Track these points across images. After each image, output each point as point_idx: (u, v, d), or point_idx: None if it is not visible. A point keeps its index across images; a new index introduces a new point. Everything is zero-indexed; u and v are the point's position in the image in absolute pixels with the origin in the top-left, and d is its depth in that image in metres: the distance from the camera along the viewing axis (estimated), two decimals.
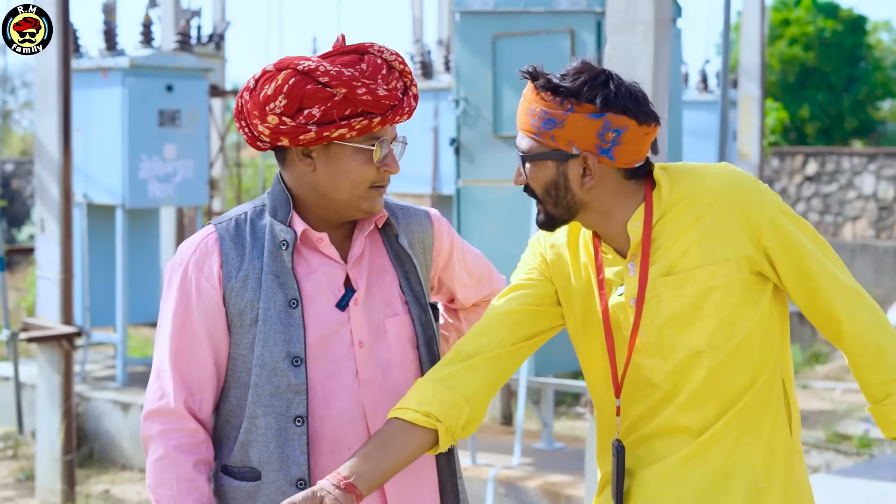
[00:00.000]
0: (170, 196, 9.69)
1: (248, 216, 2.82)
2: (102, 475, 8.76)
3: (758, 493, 2.81)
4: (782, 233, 2.80)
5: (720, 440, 2.82)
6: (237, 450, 2.78)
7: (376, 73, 2.70)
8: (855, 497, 6.83)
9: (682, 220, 2.80)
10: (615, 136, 2.73)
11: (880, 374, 2.80)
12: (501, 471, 7.22)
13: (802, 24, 24.46)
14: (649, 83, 5.21)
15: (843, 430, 9.52)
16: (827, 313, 2.82)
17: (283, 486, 2.74)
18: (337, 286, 2.81)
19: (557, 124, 2.74)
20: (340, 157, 2.73)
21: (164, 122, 9.54)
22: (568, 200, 2.80)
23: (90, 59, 9.58)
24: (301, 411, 2.74)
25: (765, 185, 2.87)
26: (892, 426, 2.82)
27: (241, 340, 2.77)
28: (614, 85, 2.74)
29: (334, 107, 2.67)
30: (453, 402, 2.79)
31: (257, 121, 2.73)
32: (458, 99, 7.51)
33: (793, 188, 19.70)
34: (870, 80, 25.19)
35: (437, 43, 14.22)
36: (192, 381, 2.76)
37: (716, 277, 2.77)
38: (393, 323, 2.85)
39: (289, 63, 2.72)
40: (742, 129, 12.15)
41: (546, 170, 2.79)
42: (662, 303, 2.80)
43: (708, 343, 2.79)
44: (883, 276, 17.07)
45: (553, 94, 2.74)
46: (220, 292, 2.76)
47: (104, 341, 10.22)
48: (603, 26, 6.93)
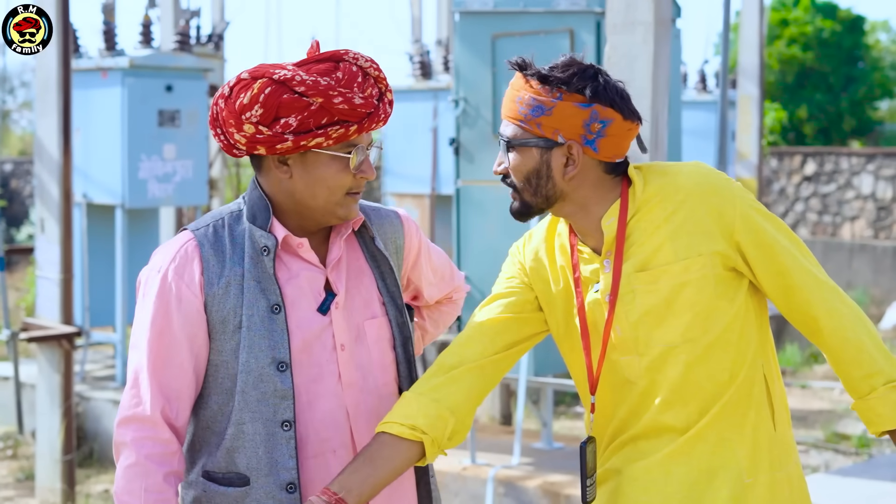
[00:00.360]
0: (169, 196, 9.70)
1: (226, 222, 2.81)
2: (102, 475, 8.76)
3: (743, 489, 2.84)
4: (755, 229, 2.83)
5: (704, 437, 2.85)
6: (222, 456, 2.78)
7: (352, 82, 2.70)
8: (854, 497, 6.84)
9: (656, 217, 2.84)
10: (601, 127, 2.79)
11: (862, 369, 2.83)
12: (501, 470, 7.22)
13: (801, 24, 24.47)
14: (649, 83, 5.22)
15: (841, 429, 9.53)
16: (804, 309, 2.85)
17: (274, 490, 2.75)
18: (318, 290, 2.82)
19: (545, 111, 2.79)
20: (317, 165, 2.74)
21: (164, 122, 9.54)
22: (548, 189, 2.84)
23: (90, 59, 9.59)
24: (288, 416, 2.75)
25: (737, 183, 2.91)
26: (879, 420, 2.84)
27: (223, 347, 2.76)
28: (603, 79, 2.81)
29: (311, 116, 2.67)
30: (438, 414, 2.83)
31: (233, 129, 2.72)
32: (457, 99, 7.52)
33: (791, 188, 19.70)
34: (868, 80, 25.20)
35: (436, 43, 14.22)
36: (170, 389, 2.75)
37: (689, 272, 2.81)
38: (372, 325, 2.88)
39: (264, 72, 2.71)
40: (741, 129, 12.16)
41: (529, 157, 2.83)
42: (637, 298, 2.84)
43: (683, 338, 2.82)
44: (881, 276, 17.07)
45: (543, 83, 2.79)
46: (201, 299, 2.74)
47: (104, 341, 10.22)
48: (602, 26, 6.93)
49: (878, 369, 2.81)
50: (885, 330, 15.00)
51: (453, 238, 7.65)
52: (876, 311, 16.08)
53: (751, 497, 2.85)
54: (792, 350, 12.66)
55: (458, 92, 7.53)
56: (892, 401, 2.81)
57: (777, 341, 12.84)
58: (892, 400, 2.81)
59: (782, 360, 12.48)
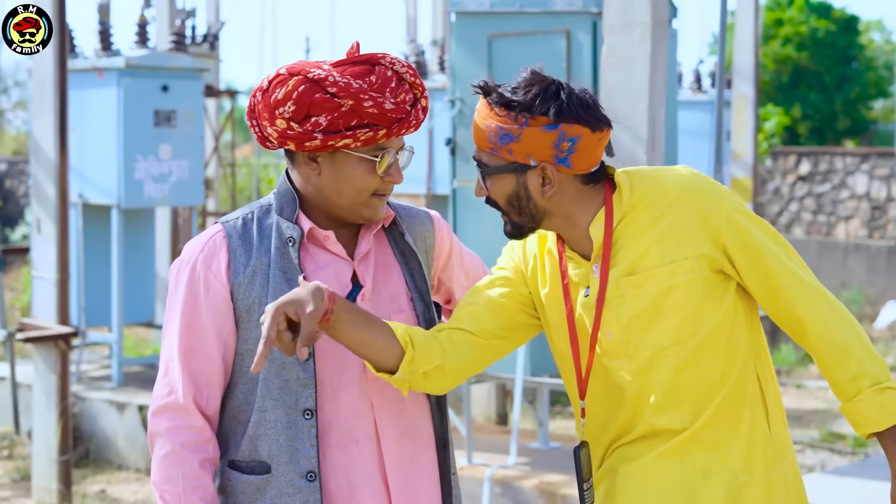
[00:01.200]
0: (165, 196, 9.69)
1: (255, 215, 2.87)
2: (98, 475, 8.76)
3: (739, 487, 2.86)
4: (740, 232, 2.85)
5: (699, 438, 2.88)
6: (245, 444, 2.82)
7: (385, 86, 2.74)
8: (850, 496, 6.85)
9: (642, 221, 2.86)
10: (570, 145, 2.81)
11: (849, 371, 2.84)
12: (497, 470, 7.23)
13: (795, 23, 24.51)
14: (646, 84, 5.23)
15: (837, 429, 9.53)
16: (790, 311, 2.87)
17: (294, 478, 2.78)
18: (344, 282, 2.86)
19: (514, 139, 2.80)
20: (345, 165, 2.78)
21: (160, 122, 9.53)
22: (531, 209, 2.87)
23: (86, 59, 9.58)
24: (310, 404, 2.78)
25: (723, 186, 2.93)
26: (866, 423, 2.84)
27: (249, 336, 2.81)
28: (565, 95, 2.81)
29: (341, 117, 2.71)
30: (432, 346, 2.86)
31: (266, 122, 2.78)
32: (453, 99, 7.52)
33: (786, 188, 19.72)
34: (862, 79, 25.25)
35: (431, 43, 14.21)
36: (200, 376, 2.80)
37: (676, 276, 2.83)
38: (399, 319, 2.91)
39: (300, 69, 2.75)
40: (736, 128, 12.17)
41: (506, 182, 2.85)
42: (626, 302, 2.86)
43: (672, 340, 2.85)
44: (876, 276, 17.09)
45: (507, 109, 2.80)
46: (227, 288, 2.80)
47: (100, 341, 10.21)
48: (599, 27, 6.93)
49: (865, 371, 2.82)
50: (879, 329, 15.02)
51: None
52: (870, 310, 16.09)
53: (746, 495, 2.87)
54: (787, 350, 12.67)
55: (454, 92, 7.53)
56: (879, 403, 2.81)
57: (772, 341, 12.85)
58: (879, 402, 2.81)
59: (777, 360, 12.49)
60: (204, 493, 2.77)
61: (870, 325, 15.27)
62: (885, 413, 2.81)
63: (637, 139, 5.25)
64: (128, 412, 8.98)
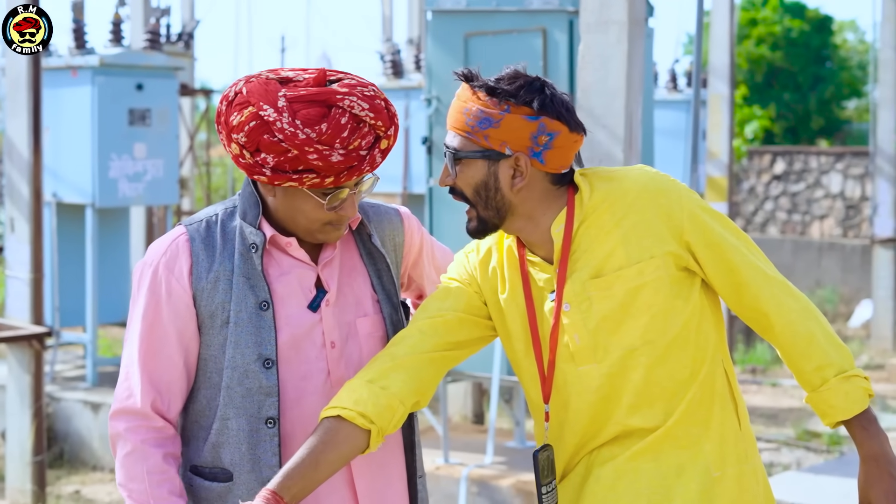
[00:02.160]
0: (140, 195, 9.65)
1: (219, 218, 2.83)
2: (73, 476, 8.71)
3: (712, 483, 2.87)
4: (703, 228, 2.86)
5: (672, 435, 2.88)
6: (208, 450, 2.80)
7: (336, 136, 2.66)
8: (826, 494, 6.87)
9: (605, 223, 2.85)
10: (548, 139, 2.80)
11: (814, 361, 2.85)
12: (474, 470, 7.22)
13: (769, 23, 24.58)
14: (623, 83, 5.22)
15: (812, 427, 9.56)
16: (754, 305, 2.88)
17: (255, 487, 2.76)
18: (308, 288, 2.83)
19: (493, 123, 2.79)
20: (296, 197, 2.75)
21: (135, 120, 9.49)
22: (497, 201, 2.83)
23: (60, 57, 9.52)
24: (272, 413, 2.76)
25: (682, 184, 2.93)
26: (833, 412, 2.85)
27: (211, 342, 2.78)
28: (549, 91, 2.82)
29: (287, 161, 2.66)
30: (388, 403, 2.79)
31: (224, 140, 2.76)
32: (430, 98, 7.50)
33: (761, 187, 19.78)
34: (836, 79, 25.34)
35: (407, 42, 14.20)
36: (160, 381, 2.77)
37: (643, 275, 2.83)
38: (364, 323, 2.88)
39: (256, 100, 2.68)
40: (711, 128, 12.19)
41: (477, 169, 2.83)
42: (594, 305, 2.85)
43: (642, 340, 2.84)
44: (850, 275, 17.16)
45: (490, 95, 2.80)
46: (190, 293, 2.77)
47: (74, 341, 10.16)
48: (575, 25, 6.93)
49: (829, 361, 2.83)
50: (854, 328, 15.08)
51: None
52: (845, 309, 16.16)
53: (719, 490, 2.87)
54: (762, 348, 12.70)
55: (430, 91, 7.52)
56: (845, 391, 2.82)
57: (747, 339, 12.89)
58: (845, 390, 2.82)
59: (752, 358, 12.53)
60: (171, 486, 2.75)
61: (844, 324, 15.33)
62: (851, 401, 2.82)
63: (614, 138, 5.24)
64: (102, 412, 8.93)
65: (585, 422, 2.91)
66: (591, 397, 2.88)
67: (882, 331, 14.17)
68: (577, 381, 2.89)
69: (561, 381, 2.91)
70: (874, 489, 2.83)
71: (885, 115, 14.33)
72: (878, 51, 14.69)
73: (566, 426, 2.93)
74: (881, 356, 13.20)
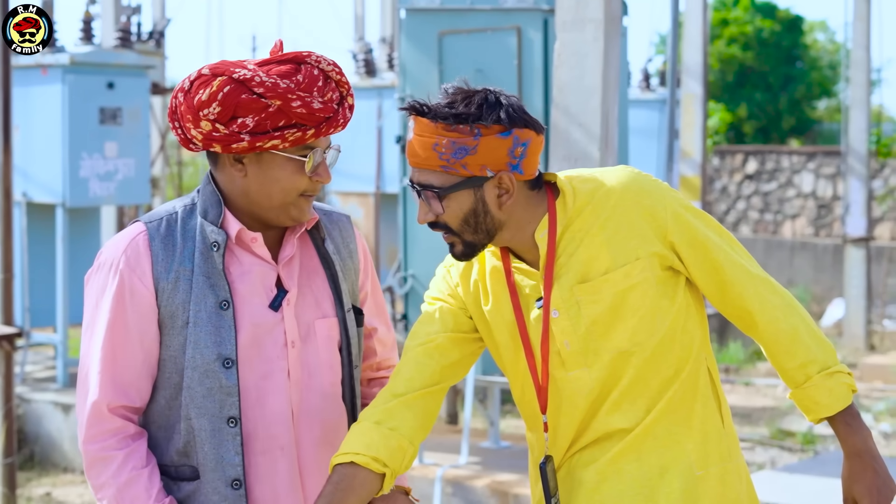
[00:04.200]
0: (111, 195, 9.58)
1: (179, 216, 2.79)
2: (43, 478, 8.65)
3: (695, 481, 2.85)
4: (687, 227, 2.84)
5: (653, 433, 2.86)
6: (172, 450, 2.78)
7: (312, 85, 2.68)
8: (800, 493, 6.87)
9: (590, 225, 2.83)
10: (523, 150, 2.77)
11: (798, 358, 2.84)
12: (449, 470, 7.20)
13: (741, 23, 24.69)
14: (599, 81, 5.20)
15: (786, 426, 9.58)
16: (738, 303, 2.87)
17: (220, 486, 2.75)
18: (269, 287, 2.80)
19: (469, 151, 2.73)
20: (272, 166, 2.72)
21: (106, 119, 9.42)
22: (487, 224, 2.80)
23: (29, 55, 9.44)
24: (234, 412, 2.75)
25: (664, 183, 2.91)
26: (817, 408, 2.85)
27: (171, 342, 2.75)
28: (505, 100, 2.77)
29: (268, 118, 2.65)
30: (399, 445, 2.80)
31: (190, 125, 2.70)
32: (404, 97, 7.48)
33: (733, 186, 19.84)
34: (806, 79, 25.47)
35: (379, 41, 14.18)
36: (120, 382, 2.75)
37: (630, 278, 2.81)
38: (323, 324, 2.86)
39: (224, 69, 2.68)
40: (685, 127, 12.21)
41: (464, 200, 2.78)
42: (582, 310, 2.83)
43: (631, 342, 2.83)
44: (822, 274, 17.23)
45: (458, 123, 2.72)
46: (153, 293, 2.73)
47: (44, 342, 10.09)
48: (550, 24, 6.92)
49: (813, 358, 2.83)
50: (826, 327, 15.13)
51: (399, 237, 7.61)
52: (817, 308, 16.22)
53: (703, 489, 2.86)
54: (735, 347, 12.73)
55: (404, 89, 7.49)
56: (828, 388, 2.82)
57: (720, 339, 12.91)
58: (828, 387, 2.82)
59: (725, 357, 12.55)
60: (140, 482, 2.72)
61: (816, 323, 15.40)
62: (835, 397, 2.82)
63: (590, 136, 5.22)
64: (73, 414, 8.86)
65: (571, 426, 2.89)
66: (582, 402, 2.86)
67: (854, 329, 14.23)
68: (568, 387, 2.86)
69: (553, 388, 2.88)
70: (858, 485, 2.83)
71: (857, 115, 14.39)
72: (850, 51, 14.75)
73: (558, 431, 2.91)
74: (853, 355, 13.25)
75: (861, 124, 14.34)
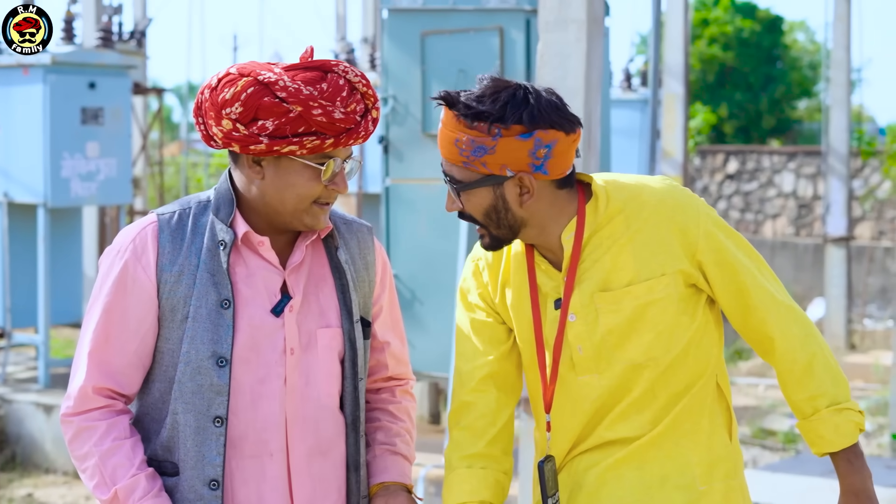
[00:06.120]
0: (93, 195, 9.55)
1: (192, 211, 2.80)
2: (25, 479, 8.62)
3: (698, 496, 2.83)
4: (717, 248, 2.81)
5: (658, 444, 2.84)
6: (160, 444, 2.78)
7: (336, 95, 2.67)
8: (783, 492, 6.90)
9: (619, 234, 2.80)
10: (547, 151, 2.71)
11: (807, 390, 2.81)
12: (432, 470, 7.21)
13: (721, 24, 24.76)
14: (582, 82, 5.20)
15: (768, 425, 9.62)
16: (760, 328, 2.83)
17: (196, 484, 2.74)
18: (273, 291, 2.80)
19: (488, 151, 2.70)
20: (289, 171, 2.72)
21: (87, 119, 9.40)
22: (509, 220, 2.79)
23: (10, 55, 9.41)
24: (221, 412, 2.74)
25: (701, 199, 2.87)
26: (821, 442, 2.81)
27: (170, 335, 2.75)
28: (534, 99, 2.71)
29: (288, 122, 2.65)
30: (496, 480, 2.89)
31: (212, 122, 2.71)
32: (386, 97, 7.48)
33: (714, 186, 19.89)
34: (786, 79, 25.57)
35: (361, 41, 14.17)
36: (108, 366, 2.75)
37: (653, 293, 2.79)
38: (325, 334, 2.84)
39: (251, 70, 2.69)
40: (666, 127, 12.23)
41: (483, 196, 2.77)
42: (600, 317, 2.81)
43: (646, 356, 2.81)
44: (802, 273, 17.28)
45: (478, 121, 2.69)
46: (154, 284, 2.74)
47: (26, 342, 10.05)
48: (532, 24, 6.93)
49: (824, 391, 2.79)
50: None
51: (383, 237, 7.61)
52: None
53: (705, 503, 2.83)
54: None
55: (387, 90, 7.50)
56: (835, 424, 2.78)
57: None
58: (835, 423, 2.78)
59: None
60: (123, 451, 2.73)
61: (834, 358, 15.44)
62: (840, 434, 2.79)
63: None
64: (55, 414, 8.84)
65: (574, 429, 2.88)
66: (589, 407, 2.85)
67: (835, 328, 14.28)
68: (576, 391, 2.85)
69: (562, 390, 2.87)
70: None
71: (838, 115, 14.44)
72: (831, 51, 14.80)
73: (562, 432, 2.90)
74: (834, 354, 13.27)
75: (842, 124, 14.39)
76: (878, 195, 18.09)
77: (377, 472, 2.93)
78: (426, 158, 7.34)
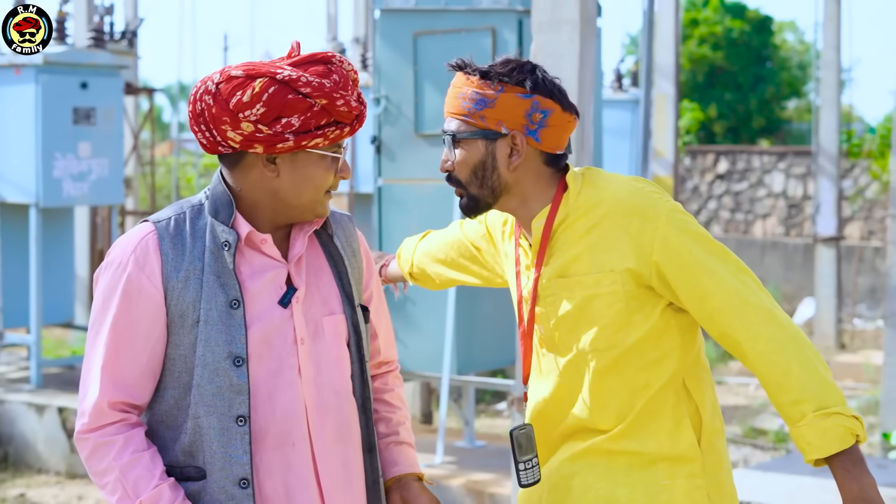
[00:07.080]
0: (85, 195, 9.55)
1: (188, 216, 2.82)
2: (17, 479, 8.62)
3: (659, 489, 2.93)
4: (676, 252, 2.86)
5: (623, 438, 2.95)
6: (179, 450, 2.79)
7: (346, 84, 2.77)
8: (774, 491, 6.91)
9: (580, 226, 2.94)
10: (542, 117, 2.90)
11: (791, 394, 2.79)
12: (424, 470, 7.20)
13: (711, 24, 24.78)
14: (575, 82, 5.23)
15: (759, 424, 9.64)
16: (727, 332, 2.85)
17: (227, 485, 2.75)
18: (279, 285, 2.83)
19: (488, 104, 2.91)
20: (307, 164, 2.78)
21: (79, 119, 9.39)
22: (493, 181, 2.96)
23: (2, 55, 9.40)
24: (243, 411, 2.76)
25: (668, 203, 2.92)
26: (809, 449, 2.78)
27: (181, 341, 2.76)
28: (540, 73, 2.94)
29: (313, 117, 2.72)
30: None
31: (227, 127, 2.72)
32: (378, 97, 7.50)
33: (704, 186, 19.92)
34: (776, 79, 25.59)
35: (352, 41, 14.18)
36: (121, 381, 2.75)
37: (600, 286, 2.91)
38: (330, 321, 2.89)
39: (264, 71, 2.72)
40: (657, 127, 12.25)
41: (475, 150, 2.95)
42: (557, 302, 2.97)
43: (591, 346, 2.93)
44: (792, 273, 17.32)
45: (484, 78, 2.92)
46: (161, 292, 2.75)
47: (18, 343, 10.04)
48: (524, 25, 6.95)
49: (809, 395, 2.76)
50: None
51: (374, 237, 7.62)
52: (788, 307, 16.30)
53: (664, 496, 2.92)
54: (707, 346, 12.79)
55: (379, 90, 7.51)
56: (822, 429, 2.75)
57: None
58: (822, 428, 2.75)
59: None
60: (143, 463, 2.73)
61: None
62: (828, 439, 2.75)
63: None
64: (47, 414, 8.84)
65: (551, 408, 3.02)
66: (552, 384, 3.00)
67: (825, 328, 14.32)
68: (544, 364, 3.03)
69: (535, 362, 3.05)
70: None
71: (828, 115, 14.48)
72: (821, 51, 14.84)
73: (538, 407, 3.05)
74: (824, 354, 13.33)
75: (831, 124, 14.42)
76: (868, 195, 18.13)
77: (387, 465, 3.01)
78: (418, 159, 7.36)
